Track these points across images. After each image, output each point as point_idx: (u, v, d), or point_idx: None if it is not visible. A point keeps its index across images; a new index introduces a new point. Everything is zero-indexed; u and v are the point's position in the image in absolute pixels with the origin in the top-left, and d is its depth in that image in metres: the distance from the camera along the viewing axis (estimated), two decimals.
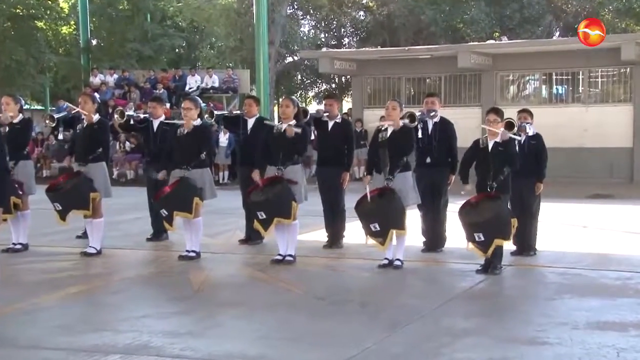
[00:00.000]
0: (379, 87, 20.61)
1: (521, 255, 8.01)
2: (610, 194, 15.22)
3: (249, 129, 8.89)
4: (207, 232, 9.08)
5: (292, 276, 7.17)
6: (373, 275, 7.28)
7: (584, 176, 17.47)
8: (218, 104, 22.95)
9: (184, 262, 7.89)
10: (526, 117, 8.09)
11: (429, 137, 8.20)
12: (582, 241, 9.29)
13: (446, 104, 17.63)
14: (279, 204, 7.53)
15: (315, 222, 9.78)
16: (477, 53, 18.60)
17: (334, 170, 8.57)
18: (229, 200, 11.52)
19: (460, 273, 7.27)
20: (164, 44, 29.92)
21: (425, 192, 7.98)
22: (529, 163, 7.75)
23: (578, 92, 18.94)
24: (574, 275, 7.13)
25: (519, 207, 7.79)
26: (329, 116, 8.64)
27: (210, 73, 23.88)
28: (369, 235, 7.35)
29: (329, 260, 8.08)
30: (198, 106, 8.08)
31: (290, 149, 7.63)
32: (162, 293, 6.66)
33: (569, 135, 17.85)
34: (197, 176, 7.87)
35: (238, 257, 8.39)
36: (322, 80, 33.07)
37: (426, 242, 8.45)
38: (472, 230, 6.93)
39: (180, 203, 7.77)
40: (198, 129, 7.92)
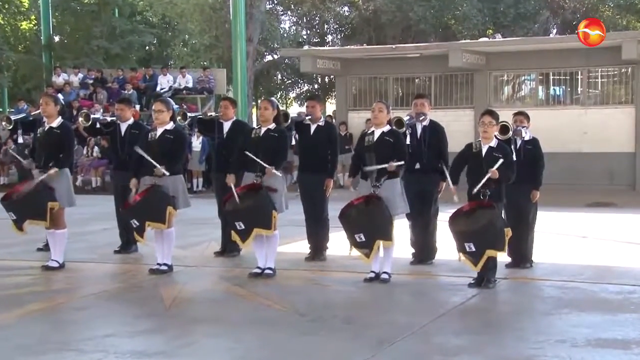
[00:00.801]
0: (365, 88, 20.67)
1: (517, 268, 8.06)
2: (611, 202, 15.35)
3: (225, 133, 8.88)
4: (179, 243, 9.05)
5: (272, 291, 7.16)
6: (358, 289, 7.28)
7: (583, 183, 17.61)
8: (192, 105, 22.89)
9: (154, 276, 7.86)
10: (522, 120, 8.15)
11: (418, 141, 8.24)
12: (582, 252, 9.36)
13: (436, 106, 17.72)
14: (258, 214, 7.52)
15: (296, 232, 9.77)
16: (470, 51, 18.72)
17: (316, 177, 8.59)
18: (203, 209, 11.48)
19: (452, 287, 7.29)
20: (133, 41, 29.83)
21: (415, 200, 8.00)
22: (524, 169, 7.79)
23: (577, 94, 19.09)
24: (572, 289, 7.18)
25: (514, 216, 7.84)
26: (311, 119, 8.66)
27: (183, 72, 23.83)
28: (354, 246, 7.37)
29: (311, 274, 8.08)
30: (170, 108, 8.07)
31: (270, 154, 7.63)
32: (130, 310, 6.63)
33: (567, 139, 17.99)
34: (169, 184, 7.85)
35: (213, 270, 8.36)
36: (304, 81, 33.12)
37: (415, 254, 8.48)
38: (462, 239, 6.97)
39: (152, 212, 7.75)
40: (171, 133, 7.90)
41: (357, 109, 20.39)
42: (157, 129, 7.98)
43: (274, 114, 7.85)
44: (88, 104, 22.38)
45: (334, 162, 8.72)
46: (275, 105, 7.95)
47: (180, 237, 8.93)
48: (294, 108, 34.48)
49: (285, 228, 9.50)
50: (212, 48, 29.58)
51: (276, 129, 7.82)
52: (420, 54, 19.52)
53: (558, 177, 15.95)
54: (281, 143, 7.76)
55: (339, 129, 18.45)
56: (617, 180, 17.87)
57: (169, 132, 7.94)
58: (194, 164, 18.69)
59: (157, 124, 8.01)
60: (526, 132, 8.06)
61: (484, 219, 6.97)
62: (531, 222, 8.17)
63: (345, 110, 20.75)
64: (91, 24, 29.22)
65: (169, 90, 23.05)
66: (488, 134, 7.15)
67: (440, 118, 8.99)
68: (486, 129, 7.15)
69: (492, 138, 7.18)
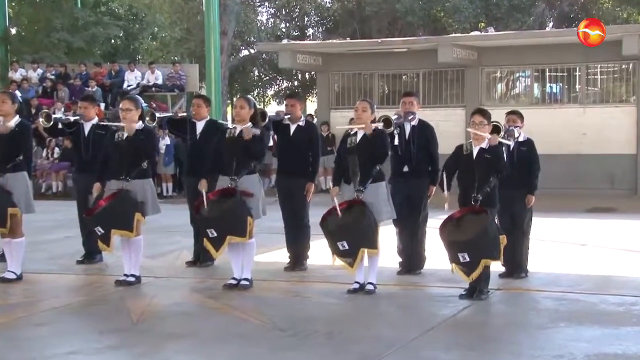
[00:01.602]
0: (348, 85, 20.70)
1: (511, 278, 8.10)
2: (612, 207, 15.47)
3: (197, 134, 8.87)
4: (148, 252, 9.02)
5: (249, 303, 7.16)
6: (341, 301, 7.30)
7: (581, 187, 17.72)
8: (162, 104, 22.83)
9: (121, 288, 7.84)
10: (515, 119, 8.20)
11: (406, 142, 8.28)
12: (580, 261, 9.43)
13: (425, 104, 17.77)
14: (232, 220, 7.52)
15: (274, 240, 9.77)
16: (460, 46, 18.80)
17: (296, 180, 8.60)
18: (174, 216, 11.45)
19: (442, 298, 7.32)
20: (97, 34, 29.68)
21: (402, 206, 8.03)
22: (518, 172, 7.85)
23: (575, 91, 19.22)
24: (570, 301, 7.24)
25: (508, 222, 7.89)
26: (291, 118, 8.67)
27: (152, 68, 23.77)
28: (337, 255, 7.38)
29: (291, 285, 8.08)
30: (139, 107, 8.04)
31: (246, 155, 7.64)
32: (95, 325, 6.59)
33: (564, 140, 18.11)
34: (137, 188, 7.83)
35: (185, 281, 8.34)
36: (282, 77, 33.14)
37: (403, 263, 8.51)
38: (455, 250, 7.00)
39: (119, 219, 7.73)
40: (139, 133, 7.89)
41: (340, 108, 20.42)
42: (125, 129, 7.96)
43: (250, 113, 7.85)
44: (48, 102, 22.27)
45: (315, 165, 8.73)
46: (251, 104, 7.95)
47: (149, 246, 8.90)
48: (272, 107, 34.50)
49: (263, 236, 9.49)
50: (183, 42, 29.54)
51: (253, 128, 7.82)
52: (407, 49, 19.58)
53: (555, 181, 16.06)
54: (260, 141, 7.75)
55: (321, 129, 18.50)
56: (618, 184, 18.00)
57: (139, 132, 7.91)
58: (159, 167, 18.65)
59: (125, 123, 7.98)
60: (519, 132, 8.11)
61: (477, 226, 7.00)
62: (526, 229, 8.22)
63: (327, 109, 20.77)
64: (51, 15, 29.05)
65: (137, 87, 22.98)
66: (479, 134, 7.19)
67: (429, 117, 9.03)
68: (477, 130, 7.19)
69: (483, 139, 7.21)
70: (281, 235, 8.99)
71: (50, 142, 19.40)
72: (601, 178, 17.97)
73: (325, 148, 18.10)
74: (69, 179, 18.85)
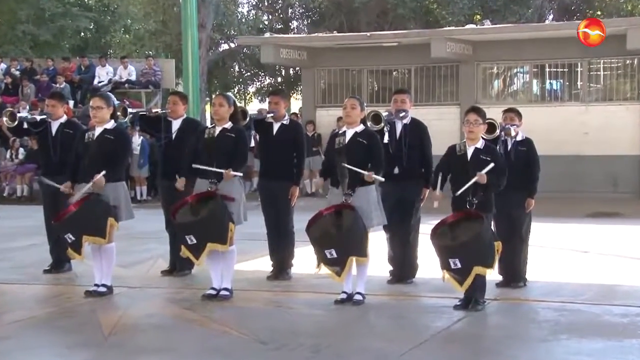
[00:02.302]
0: (335, 82, 20.73)
1: (508, 287, 8.13)
2: (616, 211, 15.54)
3: (173, 133, 8.86)
4: (121, 261, 9.00)
5: (229, 315, 7.15)
6: (328, 313, 7.30)
7: (583, 190, 17.81)
8: (135, 101, 22.79)
9: (91, 299, 7.81)
10: (513, 118, 8.22)
11: (398, 142, 8.29)
12: (582, 270, 9.47)
13: (418, 102, 17.81)
14: (212, 226, 7.51)
15: (256, 247, 9.76)
16: (454, 40, 18.87)
17: (280, 183, 8.60)
18: (148, 221, 11.43)
19: (435, 309, 7.34)
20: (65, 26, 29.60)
21: (393, 210, 8.05)
22: (517, 174, 7.85)
23: (576, 88, 19.33)
24: (572, 312, 7.26)
25: (505, 228, 7.92)
26: (274, 117, 8.67)
27: (125, 63, 23.72)
28: (324, 263, 7.38)
29: (274, 295, 8.08)
30: (111, 104, 8.04)
31: (226, 157, 7.63)
32: (63, 339, 6.57)
33: (565, 140, 18.19)
34: (109, 192, 7.82)
35: (160, 292, 8.33)
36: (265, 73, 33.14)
37: (393, 272, 8.52)
38: (446, 255, 7.02)
39: (90, 225, 7.71)
40: (112, 133, 7.87)
41: (327, 106, 20.44)
42: (96, 129, 7.94)
43: (230, 111, 7.85)
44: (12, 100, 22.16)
45: (299, 167, 8.74)
46: (231, 102, 7.95)
47: (122, 254, 8.87)
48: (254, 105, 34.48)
49: (244, 242, 9.48)
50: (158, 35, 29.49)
51: (233, 128, 7.82)
52: (398, 43, 19.64)
53: (555, 184, 16.13)
54: (239, 145, 7.76)
55: (306, 129, 18.47)
56: (622, 187, 18.11)
57: (110, 132, 7.91)
58: (133, 169, 18.62)
59: (95, 122, 7.97)
60: (517, 131, 8.12)
61: (471, 231, 7.02)
62: (525, 235, 8.25)
63: (312, 107, 20.80)
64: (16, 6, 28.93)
65: (109, 83, 22.92)
66: (474, 134, 7.22)
67: (422, 116, 9.04)
68: (472, 129, 7.21)
69: (478, 139, 7.24)
70: (264, 242, 8.98)
71: (14, 143, 19.32)
72: (604, 181, 18.07)
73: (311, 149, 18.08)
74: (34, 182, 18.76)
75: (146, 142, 18.52)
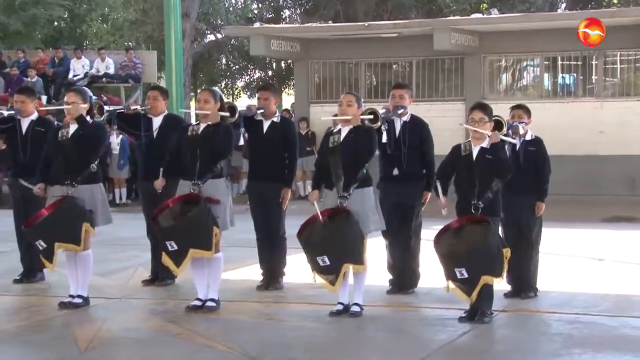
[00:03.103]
0: (331, 76, 20.74)
1: (518, 298, 8.15)
2: (633, 216, 15.56)
3: (154, 131, 8.86)
4: (98, 269, 8.99)
5: (215, 328, 7.15)
6: (322, 325, 7.30)
7: (598, 193, 17.82)
8: (114, 97, 22.77)
9: (66, 311, 7.80)
10: (521, 115, 8.24)
11: (397, 141, 8.31)
12: (597, 279, 9.49)
13: (419, 97, 17.84)
14: (196, 231, 7.51)
15: (245, 254, 9.76)
16: (459, 31, 18.89)
17: (270, 185, 8.61)
18: (128, 226, 11.41)
19: (438, 322, 7.35)
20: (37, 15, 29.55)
21: (392, 214, 8.06)
22: (526, 176, 7.89)
23: (590, 83, 19.35)
24: (586, 324, 7.28)
25: (514, 234, 7.93)
26: (264, 114, 8.68)
27: (102, 55, 23.70)
28: (317, 272, 7.39)
29: (264, 306, 8.08)
30: (87, 100, 8.04)
31: (211, 156, 7.64)
32: (36, 355, 6.56)
33: (578, 139, 18.21)
34: (85, 195, 7.82)
35: (141, 303, 8.33)
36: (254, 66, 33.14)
37: (393, 281, 8.54)
38: (451, 264, 7.03)
39: (64, 231, 7.70)
40: (87, 130, 7.87)
41: (321, 102, 20.44)
42: (70, 126, 7.94)
43: (216, 107, 7.85)
44: None
45: (292, 168, 8.75)
46: (217, 97, 7.95)
47: (99, 262, 8.86)
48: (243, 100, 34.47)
49: (232, 250, 9.48)
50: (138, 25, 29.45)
51: (218, 124, 7.82)
52: (398, 34, 19.66)
53: (567, 186, 16.16)
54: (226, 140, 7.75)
55: (299, 127, 18.52)
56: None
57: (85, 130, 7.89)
58: (112, 170, 18.59)
59: (69, 119, 7.97)
60: (526, 129, 8.13)
61: (477, 237, 7.03)
62: (535, 241, 8.26)
63: (306, 103, 20.80)
64: None
65: (85, 77, 22.90)
66: (479, 132, 7.23)
67: (423, 113, 9.07)
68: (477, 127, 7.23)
69: (484, 137, 7.25)
70: (253, 249, 8.98)
71: None
72: (621, 182, 18.08)
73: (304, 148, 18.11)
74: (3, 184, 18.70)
75: (126, 141, 18.50)
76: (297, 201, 16.10)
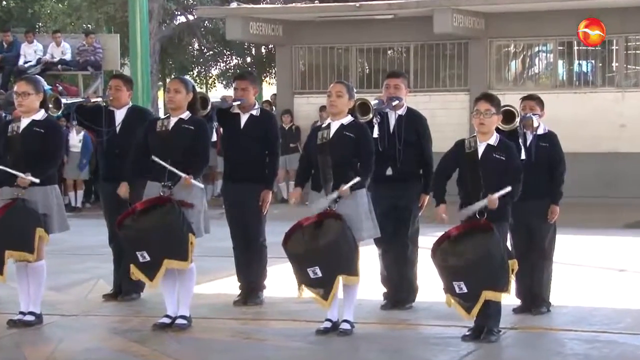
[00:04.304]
0: (317, 63, 20.75)
1: (529, 313, 8.17)
2: None
3: (117, 126, 8.85)
4: (53, 283, 8.97)
5: (187, 349, 7.15)
6: (309, 345, 7.31)
7: (619, 196, 17.83)
8: (71, 86, 22.70)
9: (17, 330, 7.77)
10: (533, 106, 8.26)
11: (390, 137, 8.33)
12: (618, 292, 9.53)
13: (417, 87, 17.89)
14: (171, 240, 7.50)
15: (220, 265, 9.76)
16: (463, 12, 18.90)
17: (249, 187, 8.61)
18: (87, 233, 11.40)
19: (439, 340, 7.37)
20: None
21: (386, 220, 8.07)
22: (538, 176, 7.90)
23: (611, 71, 19.40)
24: (605, 343, 7.31)
25: (524, 241, 7.97)
26: (242, 106, 8.69)
27: (57, 39, 23.62)
28: (306, 285, 7.39)
29: (242, 324, 8.08)
30: (40, 90, 8.02)
31: (184, 156, 7.64)
32: None
33: (597, 134, 18.23)
34: (39, 197, 7.80)
35: (102, 321, 8.32)
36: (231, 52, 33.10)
37: (388, 294, 8.55)
38: (449, 277, 7.05)
39: (14, 238, 7.68)
40: (41, 125, 7.86)
41: (307, 92, 20.46)
42: (22, 120, 7.93)
43: (188, 98, 7.86)
44: None
45: (273, 167, 8.75)
46: (189, 87, 7.96)
47: (54, 274, 8.85)
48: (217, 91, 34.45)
49: (205, 259, 9.48)
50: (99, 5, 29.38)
51: (191, 119, 7.83)
52: (394, 16, 19.67)
53: (585, 188, 16.20)
54: (199, 140, 7.76)
55: (281, 120, 18.54)
56: None
57: (39, 125, 7.89)
58: (71, 171, 18.52)
59: (20, 112, 7.95)
60: (539, 122, 8.15)
61: (479, 247, 7.04)
62: (548, 249, 8.28)
63: (289, 94, 20.80)
64: None
65: (37, 64, 22.81)
66: (485, 126, 7.24)
67: (422, 105, 9.13)
68: (483, 120, 7.23)
69: (491, 132, 7.27)
70: (229, 259, 8.99)
71: None
72: None
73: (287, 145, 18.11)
74: None
75: (89, 138, 18.42)
76: (279, 204, 16.11)
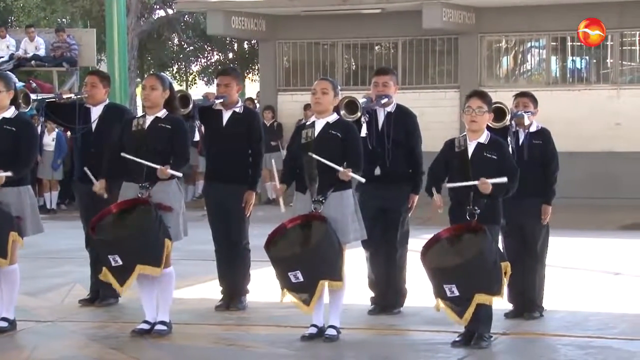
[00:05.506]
0: (302, 59, 20.73)
1: (521, 318, 8.18)
2: None
3: (93, 124, 8.84)
4: (28, 288, 8.95)
5: (166, 356, 7.15)
6: (293, 352, 7.31)
7: (614, 196, 17.85)
8: (45, 83, 22.63)
9: None
10: (527, 103, 8.27)
11: (379, 136, 8.33)
12: (613, 296, 9.55)
13: (406, 84, 17.88)
14: (145, 245, 7.49)
15: (202, 269, 9.75)
16: (452, 6, 18.90)
17: (231, 188, 8.61)
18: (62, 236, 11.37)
19: (428, 347, 7.37)
20: None
21: (374, 222, 8.08)
22: (530, 175, 7.88)
23: (606, 67, 19.44)
24: (600, 349, 7.32)
25: (516, 243, 7.98)
26: (224, 103, 8.68)
27: (31, 34, 23.57)
28: (288, 289, 7.40)
29: (224, 330, 8.08)
30: (11, 87, 8.00)
31: (160, 155, 7.64)
32: None
33: (591, 132, 18.26)
34: (11, 198, 7.79)
35: (78, 327, 8.30)
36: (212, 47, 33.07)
37: (375, 299, 8.56)
38: (440, 280, 7.05)
39: None
40: (12, 123, 7.84)
41: (291, 90, 20.45)
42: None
43: (164, 96, 7.85)
44: None
45: (256, 167, 8.75)
46: (167, 84, 7.94)
47: (28, 279, 8.83)
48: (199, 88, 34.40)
49: (186, 263, 9.47)
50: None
51: (168, 118, 7.81)
52: (381, 10, 19.65)
53: (579, 188, 16.22)
54: (177, 139, 7.76)
55: (264, 118, 18.52)
56: None
57: (9, 122, 7.87)
58: (45, 171, 18.47)
59: None
60: (531, 118, 8.16)
61: (471, 249, 7.05)
62: (540, 252, 8.30)
63: (273, 91, 20.78)
64: None
65: (10, 60, 22.77)
66: (476, 124, 7.26)
67: (410, 103, 9.10)
68: (474, 118, 7.25)
69: (482, 131, 7.29)
70: (211, 263, 8.98)
71: None
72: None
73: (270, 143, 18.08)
74: None
75: (63, 137, 18.38)
76: (263, 206, 16.10)
